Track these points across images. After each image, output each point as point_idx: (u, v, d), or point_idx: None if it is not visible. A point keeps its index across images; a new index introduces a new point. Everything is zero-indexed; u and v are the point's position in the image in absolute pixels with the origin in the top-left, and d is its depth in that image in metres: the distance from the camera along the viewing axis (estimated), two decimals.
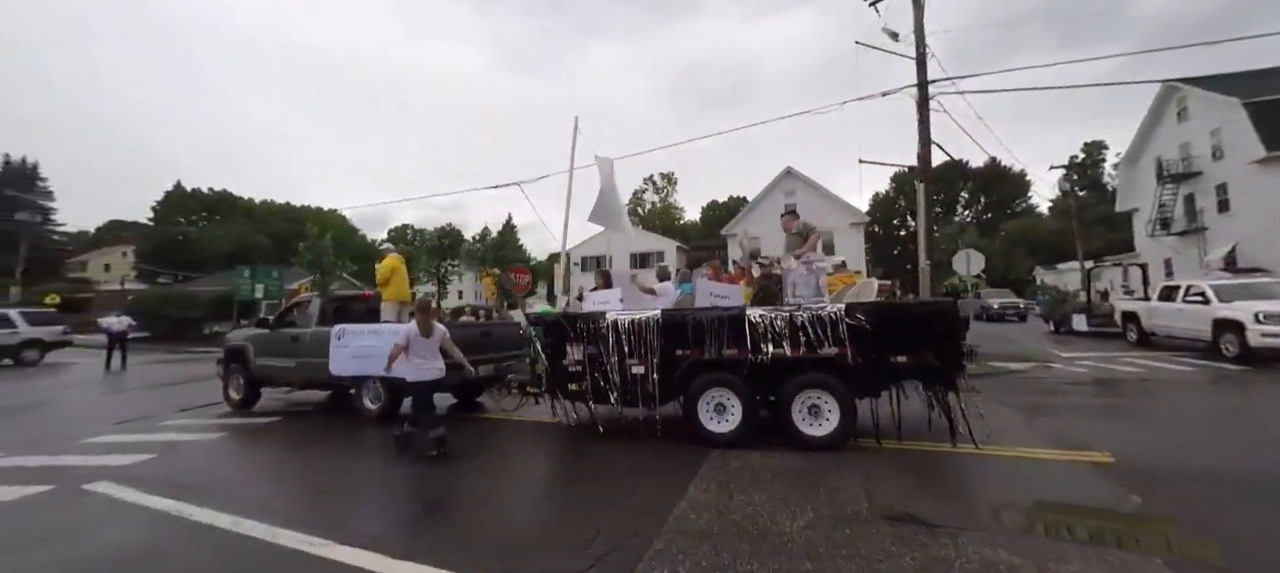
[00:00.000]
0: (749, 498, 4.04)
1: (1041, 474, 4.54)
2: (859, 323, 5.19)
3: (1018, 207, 63.30)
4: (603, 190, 8.29)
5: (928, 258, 14.96)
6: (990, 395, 8.16)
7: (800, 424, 5.37)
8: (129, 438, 6.74)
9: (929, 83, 15.19)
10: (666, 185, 69.10)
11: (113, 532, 3.84)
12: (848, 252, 29.74)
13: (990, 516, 3.64)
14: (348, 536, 3.57)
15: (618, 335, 5.87)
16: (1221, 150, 24.00)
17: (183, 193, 66.91)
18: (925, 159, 15.34)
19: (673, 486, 4.36)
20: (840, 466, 4.78)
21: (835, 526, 3.53)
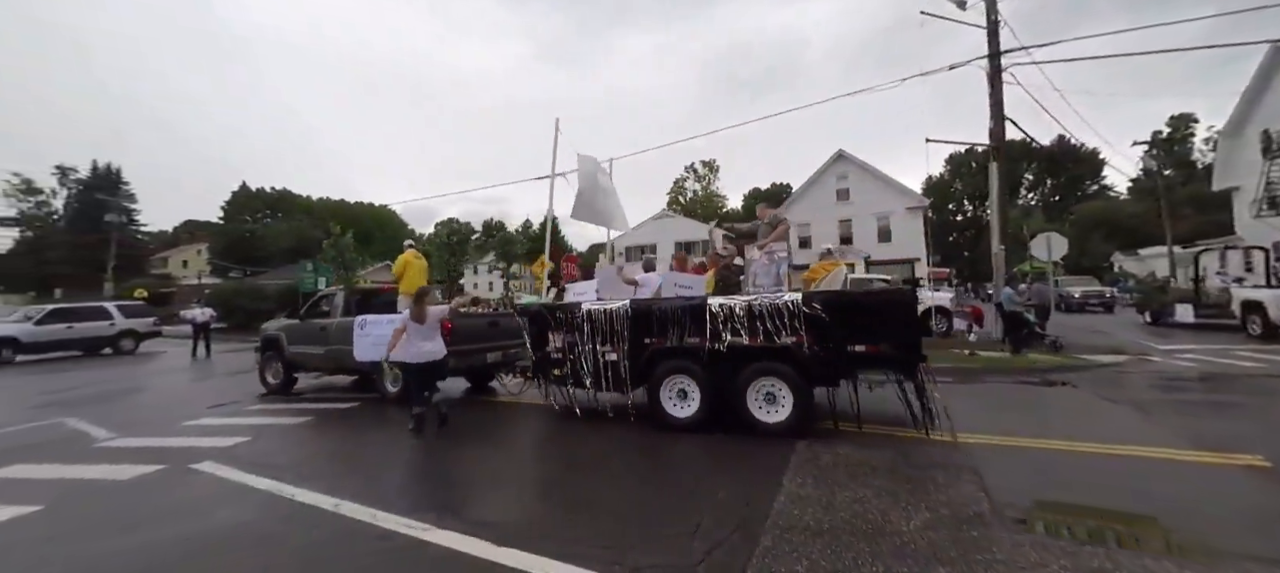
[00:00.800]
0: (854, 494, 3.78)
1: (1183, 478, 4.04)
2: (815, 312, 5.20)
3: (1089, 188, 58.72)
4: (581, 189, 8.58)
5: (1001, 243, 13.98)
6: (1088, 391, 7.50)
7: (755, 411, 5.46)
8: (223, 421, 7.12)
9: (1001, 53, 14.12)
10: (708, 173, 68.07)
11: (227, 511, 4.00)
12: (905, 238, 28.37)
13: (1144, 522, 3.24)
14: (445, 520, 3.57)
15: (592, 325, 6.16)
16: None
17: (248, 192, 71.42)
18: (999, 135, 14.30)
19: (762, 479, 4.16)
20: (943, 461, 4.43)
21: (958, 527, 3.23)
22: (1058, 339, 11.39)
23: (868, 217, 29.06)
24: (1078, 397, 7.19)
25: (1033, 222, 46.81)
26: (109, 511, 4.09)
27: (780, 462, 4.53)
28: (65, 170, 58.30)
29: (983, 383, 8.49)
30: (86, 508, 4.16)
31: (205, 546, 3.40)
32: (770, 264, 6.33)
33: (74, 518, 3.98)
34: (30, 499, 4.29)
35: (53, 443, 6.25)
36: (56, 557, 3.33)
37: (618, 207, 9.61)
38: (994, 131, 14.24)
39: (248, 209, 69.17)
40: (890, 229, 28.61)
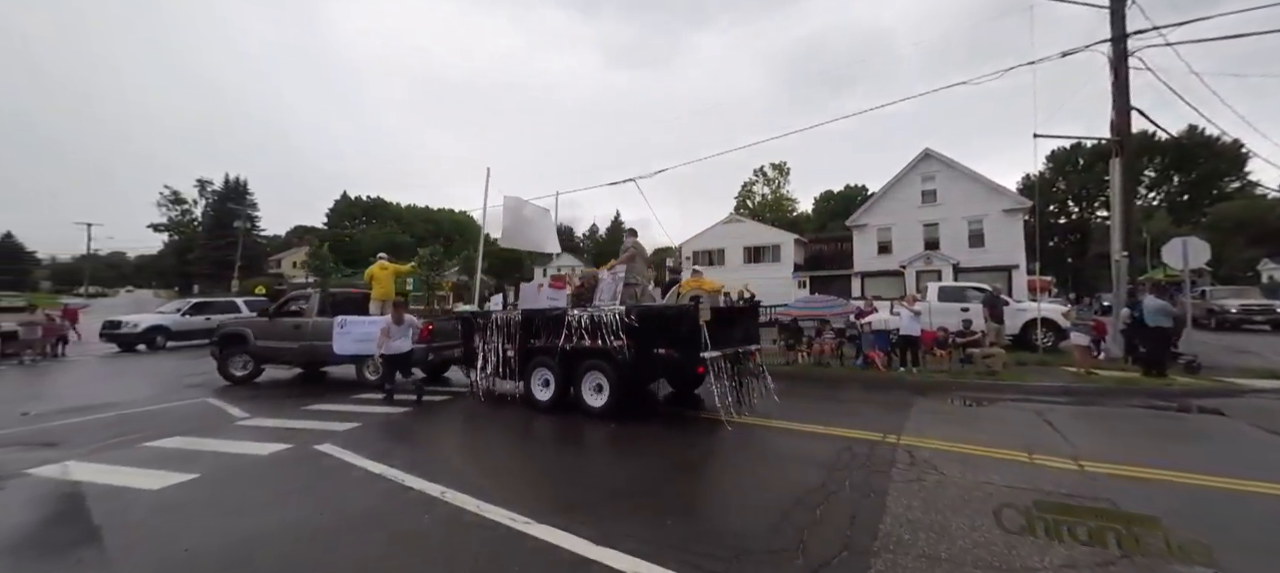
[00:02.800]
0: (972, 522, 3.48)
1: None
2: (631, 322, 6.58)
3: (1228, 184, 50.82)
4: (506, 225, 10.11)
5: (1123, 248, 12.42)
6: (1243, 420, 6.44)
7: (587, 397, 6.91)
8: (336, 407, 7.82)
9: (1127, 36, 12.57)
10: (778, 176, 65.99)
11: (350, 492, 4.38)
12: (1000, 242, 25.98)
13: None
14: (544, 515, 3.68)
15: (499, 328, 7.94)
16: None
17: (347, 200, 78.50)
18: (1123, 127, 12.78)
19: (860, 495, 3.96)
20: (1076, 497, 3.98)
21: (1106, 567, 2.88)
22: (1196, 358, 9.91)
23: (957, 220, 26.88)
24: (1229, 425, 6.22)
25: (1154, 223, 41.32)
26: (253, 483, 4.62)
27: (874, 473, 4.28)
28: (204, 183, 67.23)
29: (1108, 406, 7.57)
30: (234, 479, 4.72)
31: (337, 520, 3.75)
32: (613, 282, 7.59)
33: (225, 487, 4.52)
34: (188, 468, 4.92)
35: (201, 418, 7.16)
36: (217, 525, 3.79)
37: (547, 232, 11.04)
38: (1116, 123, 12.73)
39: (347, 215, 76.08)
40: (983, 233, 26.25)
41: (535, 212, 10.81)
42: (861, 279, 29.14)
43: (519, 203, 10.32)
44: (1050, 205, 55.34)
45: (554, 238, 11.17)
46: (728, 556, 3.08)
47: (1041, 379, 9.12)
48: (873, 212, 30.12)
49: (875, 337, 10.80)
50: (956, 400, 7.93)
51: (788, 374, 10.73)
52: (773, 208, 62.68)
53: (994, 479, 4.29)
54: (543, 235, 10.87)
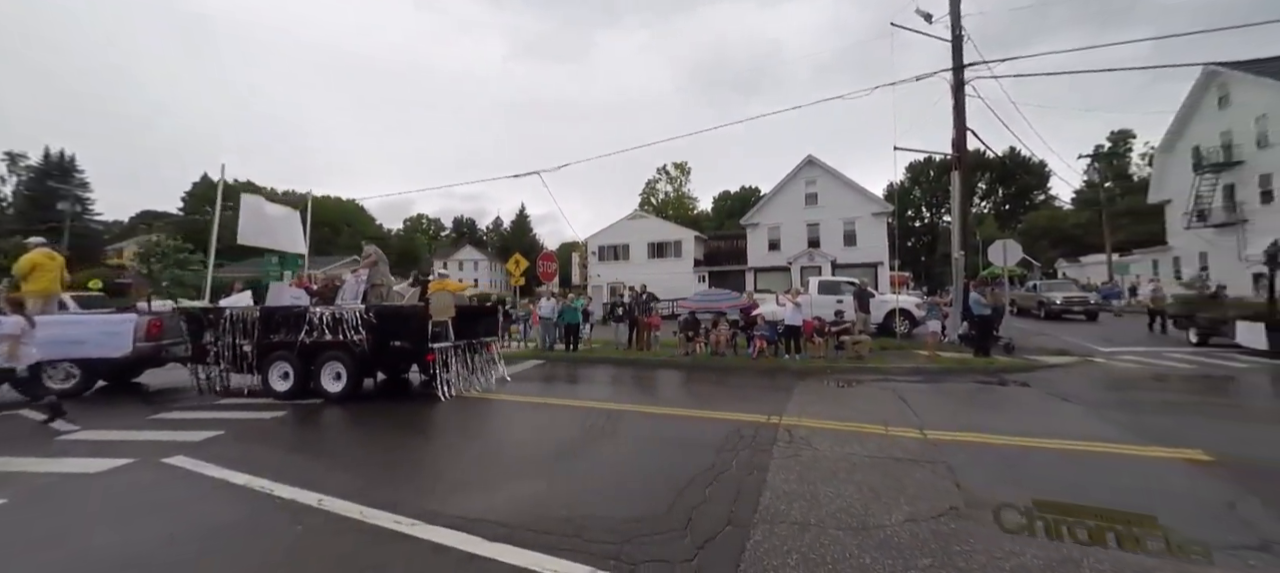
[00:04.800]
0: (837, 490, 3.90)
1: (1134, 472, 4.34)
2: (370, 319, 7.60)
3: (1037, 198, 62.05)
4: (245, 224, 10.11)
5: (961, 248, 14.62)
6: (1041, 390, 7.94)
7: (326, 384, 7.67)
8: (193, 414, 6.79)
9: (964, 67, 14.76)
10: (680, 174, 68.35)
11: (208, 508, 3.82)
12: (868, 242, 29.30)
13: (1143, 521, 3.33)
14: (434, 516, 3.49)
15: (233, 324, 8.12)
16: (1267, 138, 23.18)
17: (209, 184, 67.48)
18: (960, 145, 14.93)
19: (746, 472, 4.27)
20: (921, 460, 4.63)
21: (937, 520, 3.38)
22: (1011, 341, 12.00)
23: (835, 221, 29.88)
24: (1033, 396, 7.61)
25: (985, 229, 49.15)
26: (79, 505, 3.84)
27: (762, 455, 4.64)
28: (15, 156, 53.94)
29: (947, 383, 8.89)
30: (54, 502, 3.89)
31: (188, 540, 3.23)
32: (356, 284, 8.47)
33: (40, 512, 3.70)
34: None
35: (12, 435, 5.81)
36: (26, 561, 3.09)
37: (294, 233, 11.38)
38: (956, 141, 14.86)
39: (209, 201, 65.30)
40: (856, 233, 29.48)
41: (280, 212, 11.33)
42: (754, 274, 31.22)
43: (260, 203, 10.75)
44: (908, 210, 63.41)
45: (301, 239, 11.50)
46: (621, 539, 3.15)
47: (899, 362, 10.47)
48: (764, 211, 32.37)
49: (765, 327, 11.64)
50: (831, 383, 8.82)
51: (687, 365, 11.24)
52: (675, 206, 64.83)
53: (857, 451, 4.85)
54: (289, 236, 11.21)
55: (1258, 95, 23.49)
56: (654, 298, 13.60)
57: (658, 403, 7.60)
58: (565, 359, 12.54)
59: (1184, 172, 28.35)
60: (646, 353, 12.49)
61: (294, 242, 11.32)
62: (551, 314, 13.82)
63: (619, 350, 13.01)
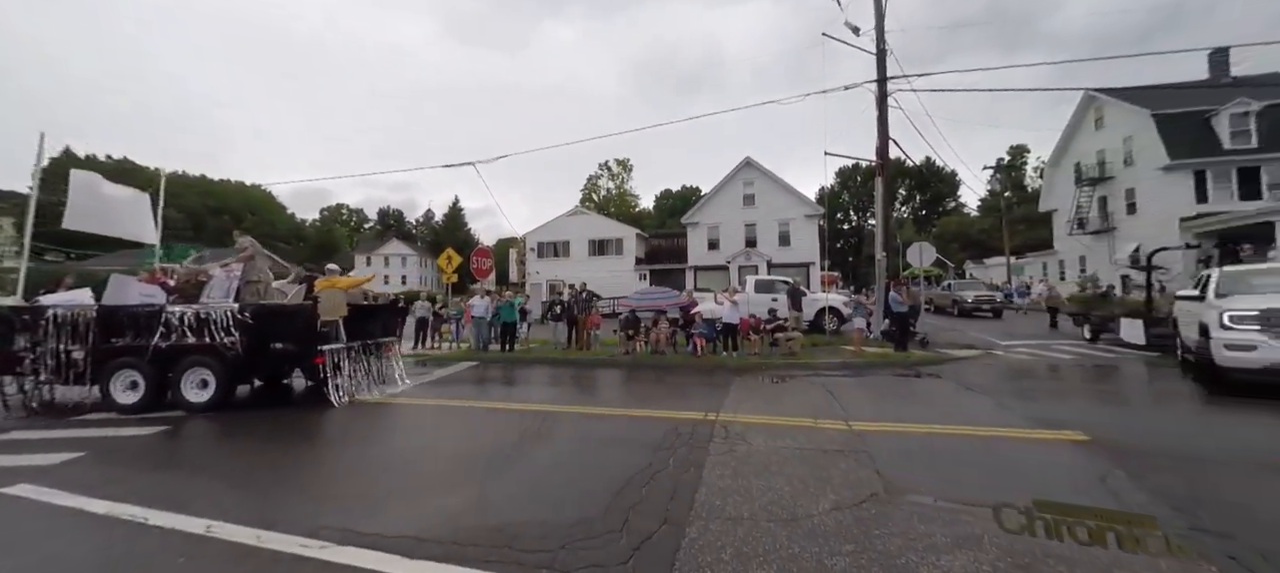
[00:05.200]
0: (769, 483, 4.01)
1: (1025, 451, 4.79)
2: (245, 319, 6.88)
3: (949, 204, 67.80)
4: (74, 204, 8.83)
5: (883, 250, 15.64)
6: (952, 381, 8.64)
7: (188, 394, 6.88)
8: (41, 435, 5.89)
9: (887, 79, 15.77)
10: (622, 171, 68.53)
11: (60, 543, 3.30)
12: (801, 243, 30.71)
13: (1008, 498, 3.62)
14: (347, 535, 3.23)
15: (58, 326, 7.01)
16: (1132, 157, 26.59)
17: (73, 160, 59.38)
18: (883, 153, 15.95)
19: (682, 470, 4.31)
20: (846, 450, 4.86)
21: (859, 507, 3.56)
22: (926, 336, 12.99)
23: (771, 222, 31.10)
24: (944, 387, 8.26)
25: (905, 232, 53.07)
26: None
27: (699, 452, 4.70)
28: None
29: (870, 376, 9.45)
30: None
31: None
32: (227, 279, 7.67)
33: None
34: None
35: None
36: None
37: (142, 219, 10.01)
38: (880, 149, 15.85)
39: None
40: (790, 234, 30.85)
41: (124, 194, 9.87)
42: (695, 273, 31.86)
43: (94, 181, 9.37)
44: (837, 213, 67.16)
45: (150, 227, 10.10)
46: (556, 546, 3.06)
47: (828, 357, 11.01)
48: (704, 211, 33.10)
49: (703, 325, 11.87)
50: (765, 379, 9.13)
51: (628, 364, 11.24)
52: (617, 203, 64.91)
53: (788, 444, 5.04)
54: (135, 223, 9.86)
55: (1126, 119, 26.87)
56: (594, 296, 13.51)
57: (597, 403, 7.54)
58: (500, 360, 12.16)
59: (1068, 184, 31.95)
60: (586, 353, 12.38)
61: (140, 229, 9.90)
62: (485, 313, 13.32)
63: (558, 350, 12.80)
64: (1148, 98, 25.58)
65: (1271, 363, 6.33)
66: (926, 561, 2.85)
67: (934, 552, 2.93)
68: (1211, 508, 3.41)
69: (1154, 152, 24.59)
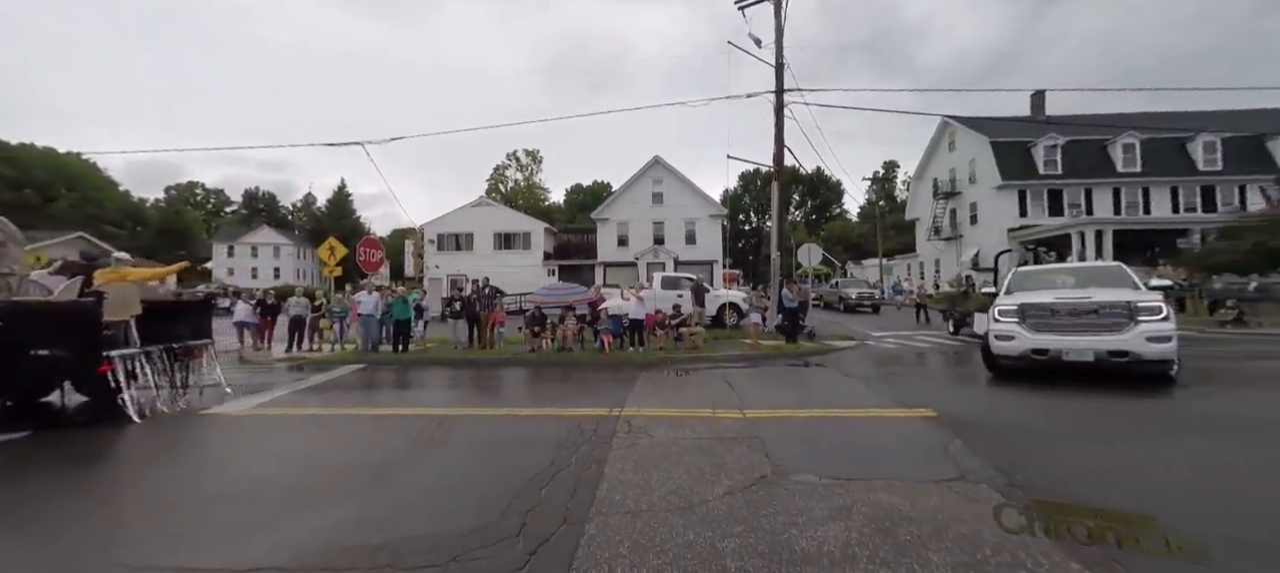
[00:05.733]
0: (668, 474, 4.13)
1: (887, 427, 5.43)
2: None
3: (835, 211, 74.76)
4: None
5: (778, 250, 16.85)
6: (832, 369, 9.54)
7: None
8: None
9: (784, 91, 16.98)
10: (531, 163, 66.62)
11: None
12: (706, 242, 32.10)
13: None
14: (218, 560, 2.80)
15: None
16: (975, 176, 31.25)
17: None
18: (779, 159, 17.17)
19: (584, 467, 4.30)
20: (740, 437, 5.16)
21: (749, 490, 3.79)
22: (813, 330, 14.21)
23: (678, 220, 32.15)
24: (826, 374, 9.09)
25: (798, 234, 57.67)
26: None
27: (601, 448, 4.72)
28: None
29: (765, 366, 10.13)
30: None
31: None
32: None
33: None
34: None
35: None
36: None
37: None
38: (776, 155, 17.02)
39: None
40: (695, 233, 32.13)
41: None
42: (604, 269, 31.98)
43: None
44: (740, 215, 71.12)
45: None
46: (447, 558, 2.90)
47: (728, 351, 11.63)
48: (613, 207, 33.34)
49: (610, 321, 11.95)
50: (670, 373, 9.41)
51: (533, 362, 10.99)
52: (525, 195, 63.10)
53: (687, 435, 5.23)
54: None
55: (971, 143, 31.47)
56: (498, 292, 13.02)
57: (498, 404, 7.30)
58: (392, 362, 11.28)
59: (927, 197, 36.74)
60: (489, 352, 11.90)
61: None
62: (374, 310, 12.21)
63: (458, 350, 12.17)
64: (988, 127, 30.18)
65: (1025, 351, 7.27)
66: (805, 533, 3.11)
67: (812, 524, 3.21)
68: (1022, 467, 4.10)
69: (991, 173, 29.07)
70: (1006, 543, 2.91)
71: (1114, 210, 27.93)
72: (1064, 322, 7.19)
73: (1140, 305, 6.86)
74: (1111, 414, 5.83)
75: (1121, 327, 6.80)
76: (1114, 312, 6.95)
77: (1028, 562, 2.72)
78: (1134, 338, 6.67)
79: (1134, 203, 28.29)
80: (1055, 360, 7.09)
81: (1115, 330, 6.82)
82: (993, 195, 29.15)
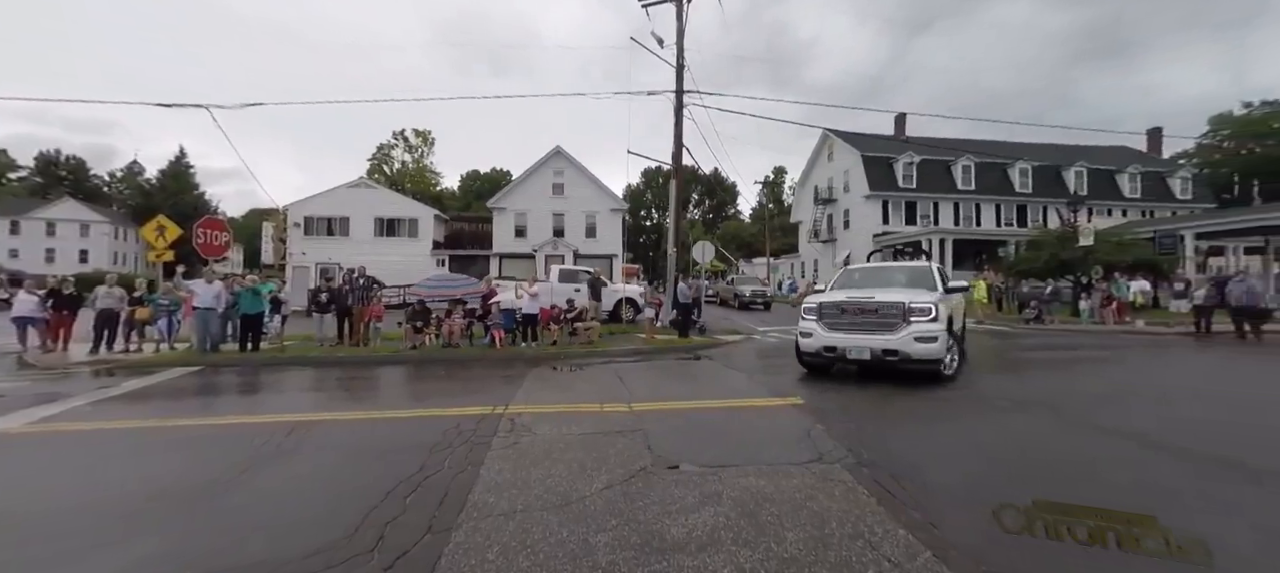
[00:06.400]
0: (548, 471, 4.02)
1: (763, 415, 5.81)
2: None
3: (730, 211, 79.25)
4: None
5: (674, 246, 17.38)
6: (719, 362, 10.04)
7: None
8: None
9: (684, 92, 17.50)
10: (422, 144, 61.58)
11: None
12: (607, 236, 32.20)
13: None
14: None
15: None
16: (849, 186, 34.84)
17: None
18: (678, 158, 17.68)
19: (458, 470, 4.05)
20: (625, 430, 5.18)
21: (628, 482, 3.81)
22: (705, 324, 14.87)
23: (578, 213, 31.83)
24: (713, 367, 9.53)
25: (696, 232, 60.24)
26: None
27: (478, 449, 4.47)
28: None
29: (657, 360, 10.36)
30: None
31: None
32: None
33: None
34: None
35: None
36: None
37: None
38: (675, 154, 17.50)
39: None
40: (597, 227, 32.05)
41: None
42: (500, 260, 30.74)
43: None
44: (642, 211, 72.53)
45: None
46: None
47: (622, 345, 11.73)
48: (512, 197, 32.15)
49: (501, 316, 11.47)
50: (563, 368, 9.26)
51: (415, 359, 10.20)
52: (415, 179, 58.41)
53: (573, 430, 5.15)
54: None
55: (845, 156, 35.03)
56: (376, 283, 11.86)
57: (366, 407, 6.63)
58: (238, 363, 9.76)
59: (810, 202, 40.25)
60: (362, 349, 10.82)
61: None
62: (215, 303, 10.32)
63: (323, 348, 10.91)
64: (860, 142, 33.80)
65: (820, 348, 7.56)
66: (677, 521, 3.18)
67: (684, 512, 3.29)
68: (869, 447, 4.58)
69: (861, 184, 32.60)
70: (849, 515, 3.22)
71: (954, 222, 32.79)
72: (849, 321, 7.45)
73: (912, 306, 7.04)
74: (937, 401, 6.72)
75: (895, 326, 7.03)
76: (890, 312, 7.16)
77: (865, 532, 3.02)
78: (903, 338, 6.91)
79: (969, 216, 33.44)
80: (842, 357, 7.42)
81: (889, 330, 7.05)
82: (862, 204, 32.76)
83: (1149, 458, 4.39)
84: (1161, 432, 5.02)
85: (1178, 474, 4.02)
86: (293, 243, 29.17)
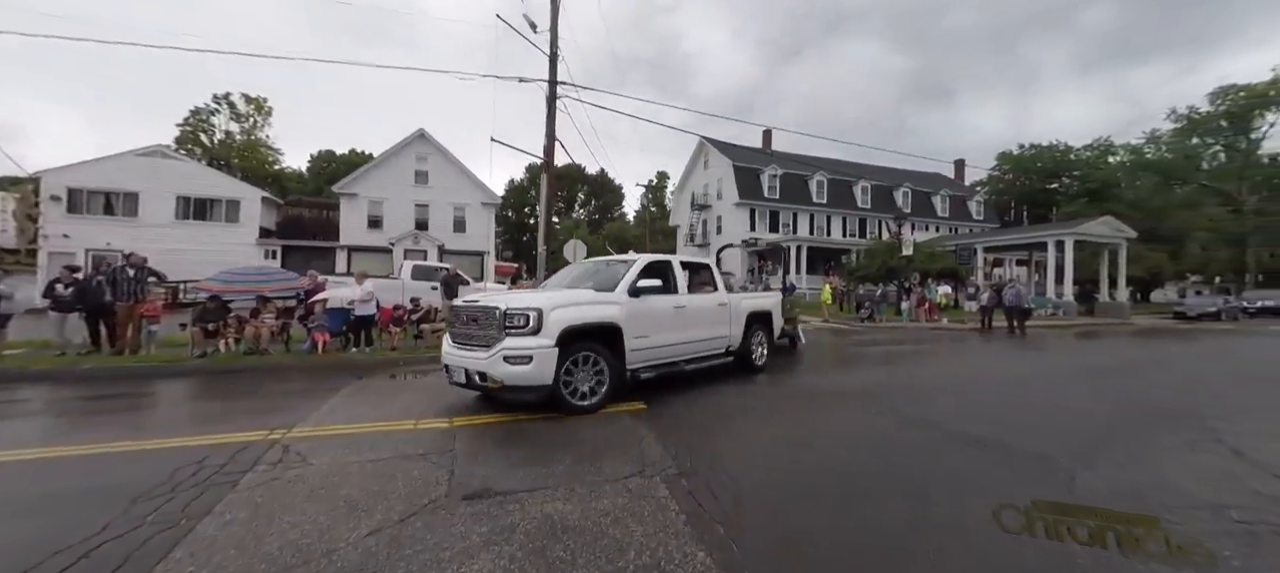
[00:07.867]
0: (301, 516, 3.16)
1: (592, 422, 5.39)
2: None
3: (615, 213, 79.95)
4: None
5: (545, 244, 16.62)
6: None
7: None
8: None
9: (558, 83, 16.80)
10: (255, 113, 51.76)
11: None
12: (477, 231, 30.20)
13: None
14: None
15: None
16: (721, 193, 36.80)
17: None
18: (549, 152, 16.93)
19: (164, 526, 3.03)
20: (431, 452, 4.43)
21: (404, 522, 3.12)
22: None
23: (445, 205, 29.30)
24: None
25: (581, 232, 59.73)
26: None
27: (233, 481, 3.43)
28: None
29: None
30: None
31: None
32: None
33: None
34: None
35: None
36: None
37: None
38: (546, 147, 16.73)
39: None
40: (465, 221, 29.80)
41: None
42: (349, 253, 27.21)
43: None
44: (526, 207, 70.02)
45: None
46: None
47: None
48: (365, 181, 28.60)
49: (328, 317, 9.83)
50: (395, 376, 8.09)
51: (194, 370, 8.25)
52: (243, 153, 49.22)
53: (364, 456, 4.27)
54: None
55: (719, 164, 36.98)
56: (152, 274, 9.35)
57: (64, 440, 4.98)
58: None
59: (687, 207, 41.88)
60: (127, 359, 8.52)
61: None
62: None
63: (68, 357, 8.39)
64: (732, 152, 35.91)
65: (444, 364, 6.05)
66: (447, 570, 2.59)
67: (459, 560, 2.70)
68: (690, 454, 4.39)
69: (732, 191, 34.62)
70: (649, 542, 2.89)
71: (810, 231, 36.29)
72: (461, 332, 5.90)
73: (508, 312, 5.39)
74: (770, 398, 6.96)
75: (492, 342, 5.42)
76: (489, 323, 5.53)
77: (663, 557, 2.70)
78: (493, 358, 5.31)
79: (821, 227, 37.26)
80: (453, 378, 5.83)
81: (486, 346, 5.46)
82: (733, 210, 34.82)
83: (940, 445, 4.75)
84: (953, 421, 5.55)
85: (968, 459, 4.37)
86: (49, 222, 22.62)
